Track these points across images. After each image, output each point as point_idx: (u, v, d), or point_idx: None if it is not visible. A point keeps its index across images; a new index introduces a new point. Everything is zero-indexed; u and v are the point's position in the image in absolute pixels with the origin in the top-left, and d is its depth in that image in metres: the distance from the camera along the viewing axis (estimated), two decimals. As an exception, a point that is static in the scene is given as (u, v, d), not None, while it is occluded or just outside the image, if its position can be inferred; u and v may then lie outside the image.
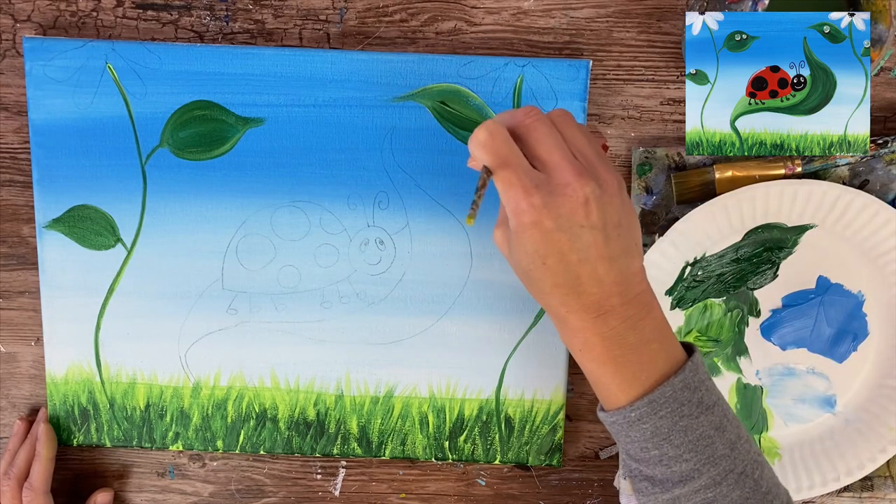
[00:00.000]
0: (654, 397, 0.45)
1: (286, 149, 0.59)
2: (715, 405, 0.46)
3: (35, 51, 0.57)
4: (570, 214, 0.44)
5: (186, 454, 0.64)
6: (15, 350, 0.63)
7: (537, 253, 0.44)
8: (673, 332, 0.48)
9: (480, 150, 0.44)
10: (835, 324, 0.60)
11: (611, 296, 0.45)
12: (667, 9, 0.58)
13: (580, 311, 0.45)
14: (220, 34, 0.59)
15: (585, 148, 0.46)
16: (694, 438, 0.45)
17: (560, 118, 0.47)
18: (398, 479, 0.64)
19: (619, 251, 0.45)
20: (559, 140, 0.45)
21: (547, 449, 0.62)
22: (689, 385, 0.46)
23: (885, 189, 0.58)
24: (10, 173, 0.61)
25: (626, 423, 0.46)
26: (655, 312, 0.47)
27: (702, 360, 0.47)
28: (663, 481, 0.46)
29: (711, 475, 0.45)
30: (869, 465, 0.59)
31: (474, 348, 0.60)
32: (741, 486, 0.45)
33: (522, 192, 0.44)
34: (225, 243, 0.60)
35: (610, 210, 0.45)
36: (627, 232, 0.46)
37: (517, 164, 0.44)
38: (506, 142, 0.44)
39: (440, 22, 0.59)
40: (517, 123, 0.46)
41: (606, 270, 0.45)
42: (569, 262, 0.44)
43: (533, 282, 0.46)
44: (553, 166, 0.44)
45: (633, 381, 0.46)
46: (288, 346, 0.61)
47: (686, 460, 0.45)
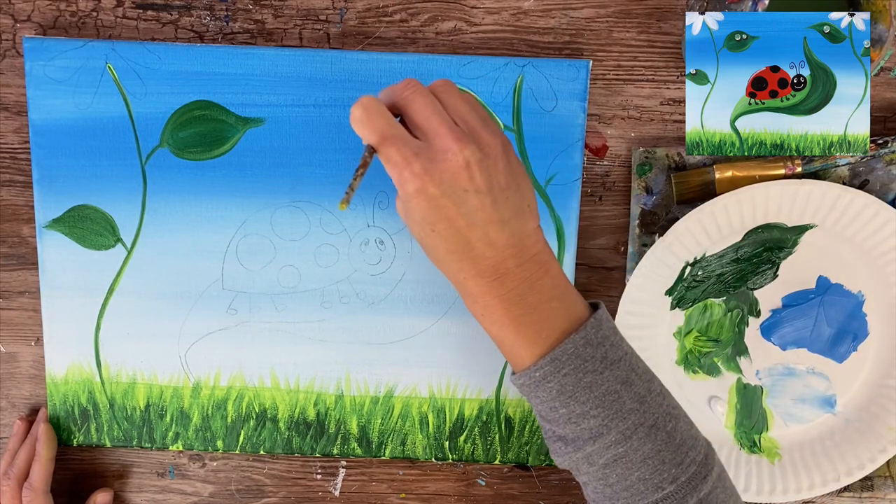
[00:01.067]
0: (556, 355, 0.46)
1: (286, 149, 0.59)
2: (621, 360, 0.46)
3: (35, 51, 0.57)
4: (453, 179, 0.44)
5: (186, 454, 0.64)
6: (15, 350, 0.63)
7: (426, 220, 0.45)
8: (575, 291, 0.48)
9: (359, 127, 0.45)
10: (835, 324, 0.60)
11: (505, 258, 0.46)
12: (667, 9, 0.58)
13: (477, 276, 0.46)
14: (220, 34, 0.59)
15: (467, 114, 0.46)
16: (600, 394, 0.46)
17: (441, 87, 0.47)
18: (398, 479, 0.64)
19: (510, 213, 0.46)
20: (438, 108, 0.45)
21: (546, 449, 0.62)
22: (592, 341, 0.46)
23: (885, 189, 0.58)
24: (10, 173, 0.61)
25: (533, 383, 0.47)
26: (554, 271, 0.47)
27: (607, 317, 0.48)
28: (574, 440, 0.47)
29: (620, 430, 0.45)
30: (869, 465, 0.59)
31: (474, 348, 0.60)
32: (653, 439, 0.46)
33: (403, 161, 0.44)
34: (225, 243, 0.60)
35: (494, 173, 0.45)
36: (517, 194, 0.46)
37: (396, 136, 0.44)
38: (381, 115, 0.45)
39: (440, 22, 0.59)
40: (396, 96, 0.46)
41: (498, 233, 0.45)
42: (458, 228, 0.45)
43: (429, 250, 0.47)
44: (432, 134, 0.45)
45: (535, 340, 0.46)
46: (288, 347, 0.61)
47: (594, 416, 0.46)
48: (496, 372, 0.61)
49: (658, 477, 0.46)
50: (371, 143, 0.45)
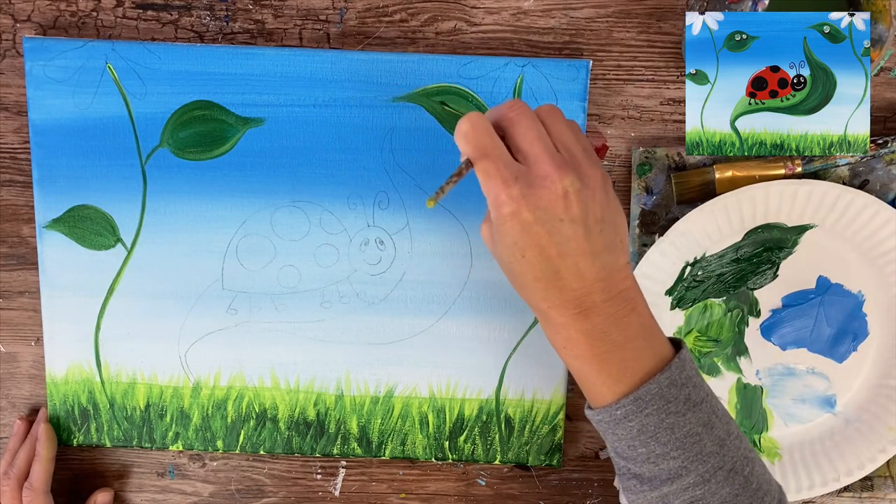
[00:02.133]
0: (640, 395, 0.45)
1: (286, 149, 0.59)
2: (703, 402, 0.46)
3: (35, 51, 0.57)
4: (549, 207, 0.44)
5: (186, 454, 0.64)
6: (15, 350, 0.63)
7: (516, 245, 0.45)
8: (660, 329, 0.47)
9: (462, 141, 0.45)
10: (835, 324, 0.60)
11: (593, 292, 0.45)
12: (667, 9, 0.58)
13: (561, 307, 0.45)
14: (220, 34, 0.59)
15: (571, 143, 0.46)
16: (681, 436, 0.45)
17: (547, 113, 0.47)
18: (398, 479, 0.64)
19: (602, 246, 0.45)
20: (542, 133, 0.45)
21: (547, 449, 0.62)
22: (676, 382, 0.45)
23: (885, 189, 0.58)
24: (10, 173, 0.61)
25: (613, 420, 0.46)
26: (641, 309, 0.47)
27: (689, 357, 0.47)
28: (651, 479, 0.46)
29: (700, 472, 0.45)
30: (869, 465, 0.59)
31: (474, 348, 0.60)
32: (731, 483, 0.45)
33: (502, 183, 0.44)
34: (225, 243, 0.60)
35: (591, 205, 0.45)
36: (611, 227, 0.46)
37: (497, 156, 0.44)
38: (487, 133, 0.44)
39: (440, 22, 0.59)
40: (501, 116, 0.46)
41: (588, 265, 0.45)
42: (548, 256, 0.44)
43: (514, 276, 0.46)
44: (533, 159, 0.44)
45: (619, 378, 0.46)
46: (288, 346, 0.61)
47: (674, 458, 0.45)
48: (496, 372, 0.61)
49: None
50: (472, 157, 0.44)
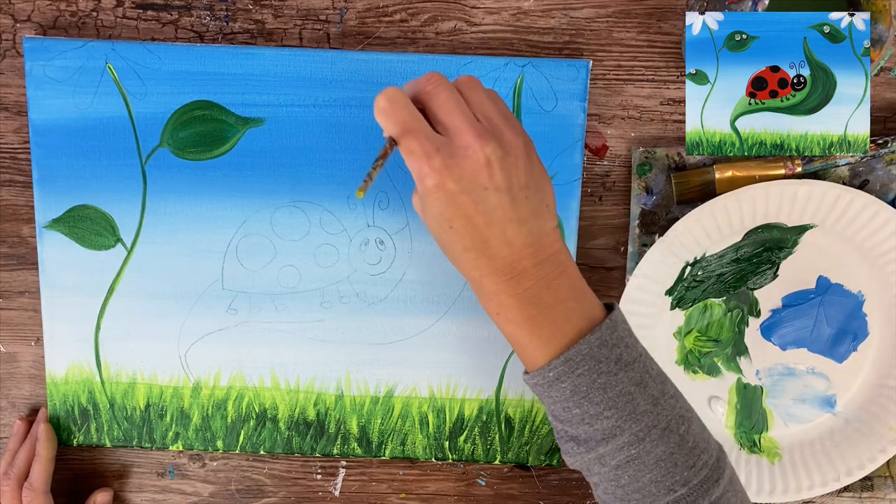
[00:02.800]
0: (571, 355, 0.45)
1: (286, 149, 0.59)
2: (635, 361, 0.46)
3: (35, 51, 0.57)
4: (473, 176, 0.44)
5: (186, 454, 0.64)
6: (15, 350, 0.63)
7: (443, 216, 0.45)
8: (591, 292, 0.48)
9: (382, 117, 0.45)
10: (835, 324, 0.60)
11: (522, 258, 0.46)
12: (667, 9, 0.58)
13: (493, 274, 0.46)
14: (220, 34, 0.59)
15: (490, 112, 0.46)
16: (614, 395, 0.45)
17: (465, 83, 0.47)
18: (398, 479, 0.64)
19: (528, 213, 0.45)
20: (461, 104, 0.45)
21: (547, 449, 0.62)
22: (607, 342, 0.46)
23: (885, 189, 0.58)
24: (10, 173, 0.61)
25: (546, 383, 0.46)
26: (570, 271, 0.47)
27: (622, 318, 0.47)
28: (587, 440, 0.47)
29: (633, 431, 0.45)
30: (869, 465, 0.59)
31: (474, 348, 0.60)
32: (665, 442, 0.46)
33: (424, 155, 0.44)
34: (225, 243, 0.60)
35: (515, 171, 0.45)
36: (536, 193, 0.46)
37: (418, 129, 0.44)
38: (405, 107, 0.45)
39: (440, 22, 0.59)
40: (419, 90, 0.46)
41: (515, 232, 0.45)
42: (475, 225, 0.45)
43: (445, 247, 0.47)
44: (454, 129, 0.45)
45: (550, 340, 0.46)
46: (288, 346, 0.61)
47: (607, 417, 0.45)
48: (496, 372, 0.61)
49: (670, 479, 0.46)
50: (393, 134, 0.45)
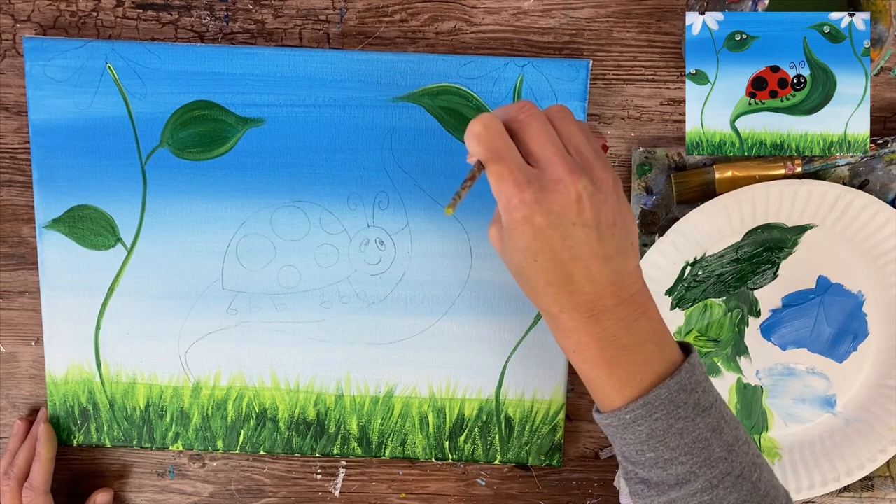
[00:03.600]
0: (650, 399, 0.45)
1: (286, 149, 0.59)
2: (712, 407, 0.46)
3: (35, 51, 0.57)
4: (562, 211, 0.43)
5: (186, 454, 0.64)
6: (15, 350, 0.63)
7: (529, 250, 0.44)
8: (670, 333, 0.47)
9: (474, 143, 0.44)
10: (835, 324, 0.60)
11: (604, 296, 0.45)
12: (667, 9, 0.58)
13: (573, 311, 0.45)
14: (220, 34, 0.59)
15: (582, 145, 0.45)
16: (690, 441, 0.45)
17: (557, 114, 0.46)
18: (398, 479, 0.64)
19: (614, 250, 0.45)
20: (553, 136, 0.45)
21: (547, 449, 0.62)
22: (686, 387, 0.45)
23: (885, 189, 0.58)
24: (10, 173, 0.61)
25: (621, 424, 0.46)
26: (651, 313, 0.46)
27: (699, 361, 0.47)
28: (659, 484, 0.46)
29: (708, 478, 0.45)
30: (869, 465, 0.59)
31: (474, 348, 0.60)
32: (738, 489, 0.45)
33: (514, 186, 0.43)
34: (225, 243, 0.60)
35: (604, 208, 0.44)
36: (622, 231, 0.45)
37: (510, 159, 0.44)
38: (500, 135, 0.44)
39: (440, 22, 0.59)
40: (512, 118, 0.45)
41: (600, 269, 0.44)
42: (561, 260, 0.44)
43: (525, 280, 0.46)
44: (546, 162, 0.44)
45: (628, 382, 0.45)
46: (288, 346, 0.61)
47: (682, 463, 0.45)
48: (496, 372, 0.61)
49: None
50: (484, 160, 0.44)
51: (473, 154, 0.45)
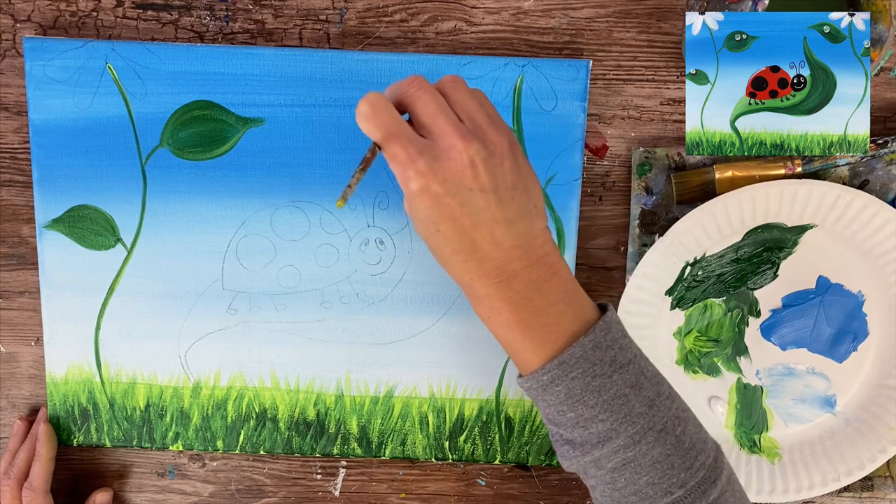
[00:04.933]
0: (564, 358, 0.45)
1: (286, 149, 0.59)
2: (630, 363, 0.46)
3: (35, 51, 0.57)
4: (457, 178, 0.44)
5: (186, 454, 0.64)
6: (15, 350, 0.63)
7: (430, 219, 0.45)
8: (583, 293, 0.47)
9: (364, 122, 0.44)
10: (835, 324, 0.60)
11: (512, 259, 0.45)
12: (667, 9, 0.58)
13: (483, 277, 0.45)
14: (220, 34, 0.59)
15: (474, 111, 0.45)
16: (608, 398, 0.45)
17: (449, 84, 0.46)
18: (398, 479, 0.64)
19: (515, 213, 0.45)
20: (443, 105, 0.45)
21: (547, 449, 0.62)
22: (600, 344, 0.45)
23: (885, 189, 0.58)
24: (10, 173, 0.61)
25: (540, 386, 0.46)
26: (562, 273, 0.47)
27: (616, 319, 0.47)
28: (582, 443, 0.46)
29: (629, 434, 0.45)
30: (869, 465, 0.59)
31: (474, 348, 0.60)
32: (662, 443, 0.45)
33: (407, 159, 0.44)
34: (225, 243, 0.60)
35: (500, 172, 0.44)
36: (523, 194, 0.45)
37: (401, 133, 0.44)
38: (387, 111, 0.44)
39: (440, 22, 0.59)
40: (401, 93, 0.46)
41: (503, 234, 0.45)
42: (463, 227, 0.44)
43: (433, 250, 0.46)
44: (437, 131, 0.44)
45: (543, 343, 0.46)
46: (288, 346, 0.61)
47: (602, 420, 0.45)
48: (496, 372, 0.61)
49: (667, 481, 0.45)
50: (376, 139, 0.45)
51: (367, 135, 0.45)
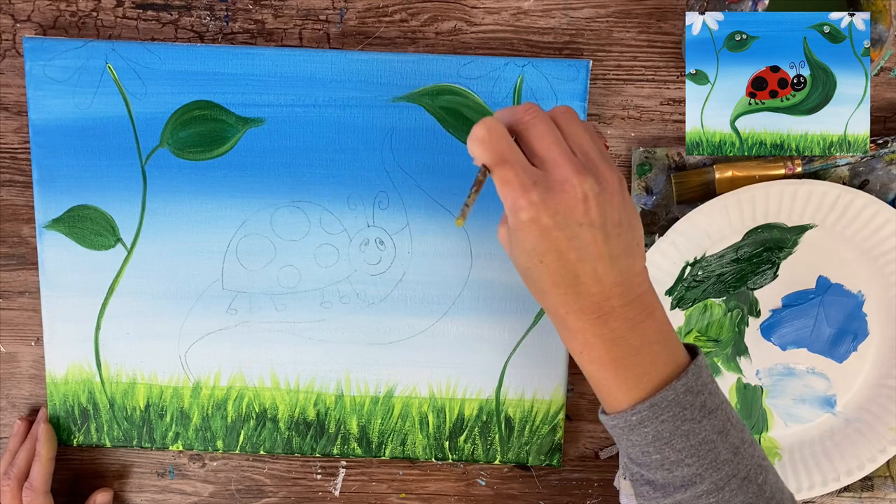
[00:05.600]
0: (656, 401, 0.45)
1: (286, 149, 0.59)
2: (718, 409, 0.46)
3: (35, 51, 0.57)
4: (569, 212, 0.43)
5: (186, 454, 0.64)
6: (15, 350, 0.63)
7: (535, 251, 0.44)
8: (676, 335, 0.47)
9: (478, 147, 0.44)
10: (835, 324, 0.60)
11: (611, 297, 0.45)
12: (667, 9, 0.58)
13: (579, 312, 0.45)
14: (220, 34, 0.59)
15: (586, 145, 0.45)
16: (696, 443, 0.45)
17: (562, 115, 0.46)
18: (398, 479, 0.64)
19: (620, 250, 0.45)
20: (558, 137, 0.45)
21: (547, 449, 0.62)
22: (692, 389, 0.45)
23: (885, 189, 0.58)
24: (10, 173, 0.61)
25: (628, 426, 0.46)
26: (658, 314, 0.46)
27: (705, 363, 0.47)
28: (665, 486, 0.46)
29: (713, 480, 0.45)
30: (869, 465, 0.59)
31: (474, 348, 0.60)
32: (744, 491, 0.45)
33: (520, 188, 0.43)
34: (225, 243, 0.60)
35: (610, 208, 0.44)
36: (628, 231, 0.45)
37: (515, 161, 0.43)
38: (503, 138, 0.44)
39: (440, 22, 0.59)
40: (516, 120, 0.45)
41: (606, 270, 0.44)
42: (567, 261, 0.44)
43: (532, 281, 0.46)
44: (551, 163, 0.44)
45: (635, 384, 0.45)
46: (288, 346, 0.61)
47: (688, 465, 0.45)
48: (496, 372, 0.61)
49: None
50: (489, 164, 0.44)
51: (478, 159, 0.44)
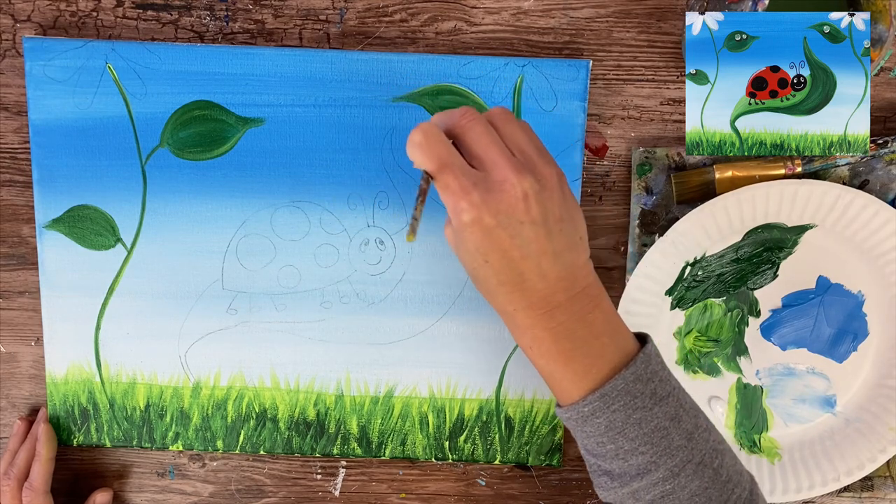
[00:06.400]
0: (606, 391, 0.45)
1: (286, 149, 0.59)
2: (669, 396, 0.46)
3: (35, 51, 0.57)
4: (510, 210, 0.44)
5: (186, 454, 0.64)
6: (15, 350, 0.63)
7: (479, 251, 0.45)
8: (624, 324, 0.48)
9: (417, 153, 0.45)
10: (835, 324, 0.60)
11: (556, 291, 0.45)
12: (667, 9, 0.58)
13: (527, 308, 0.46)
14: (220, 34, 0.59)
15: (524, 144, 0.46)
16: (649, 431, 0.45)
17: (498, 116, 0.47)
18: (398, 479, 0.64)
19: (563, 246, 0.45)
20: (495, 138, 0.45)
21: (547, 449, 0.62)
22: (642, 377, 0.46)
23: (885, 189, 0.58)
24: (10, 173, 0.61)
25: (580, 417, 0.46)
26: (604, 305, 0.47)
27: (655, 351, 0.47)
28: (621, 475, 0.46)
29: (668, 467, 0.45)
30: (869, 465, 0.59)
31: (474, 348, 0.60)
32: (700, 476, 0.45)
33: (461, 190, 0.44)
34: (225, 243, 0.60)
35: (550, 205, 0.45)
36: (570, 226, 0.46)
37: (454, 164, 0.44)
38: (441, 142, 0.44)
39: (440, 22, 0.59)
40: (454, 124, 0.46)
41: (550, 265, 0.45)
42: (511, 259, 0.45)
43: (479, 281, 0.47)
44: (490, 164, 0.45)
45: (585, 375, 0.46)
46: (288, 346, 0.61)
47: (642, 453, 0.45)
48: (496, 372, 0.61)
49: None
50: (429, 169, 0.44)
51: (417, 163, 0.45)
